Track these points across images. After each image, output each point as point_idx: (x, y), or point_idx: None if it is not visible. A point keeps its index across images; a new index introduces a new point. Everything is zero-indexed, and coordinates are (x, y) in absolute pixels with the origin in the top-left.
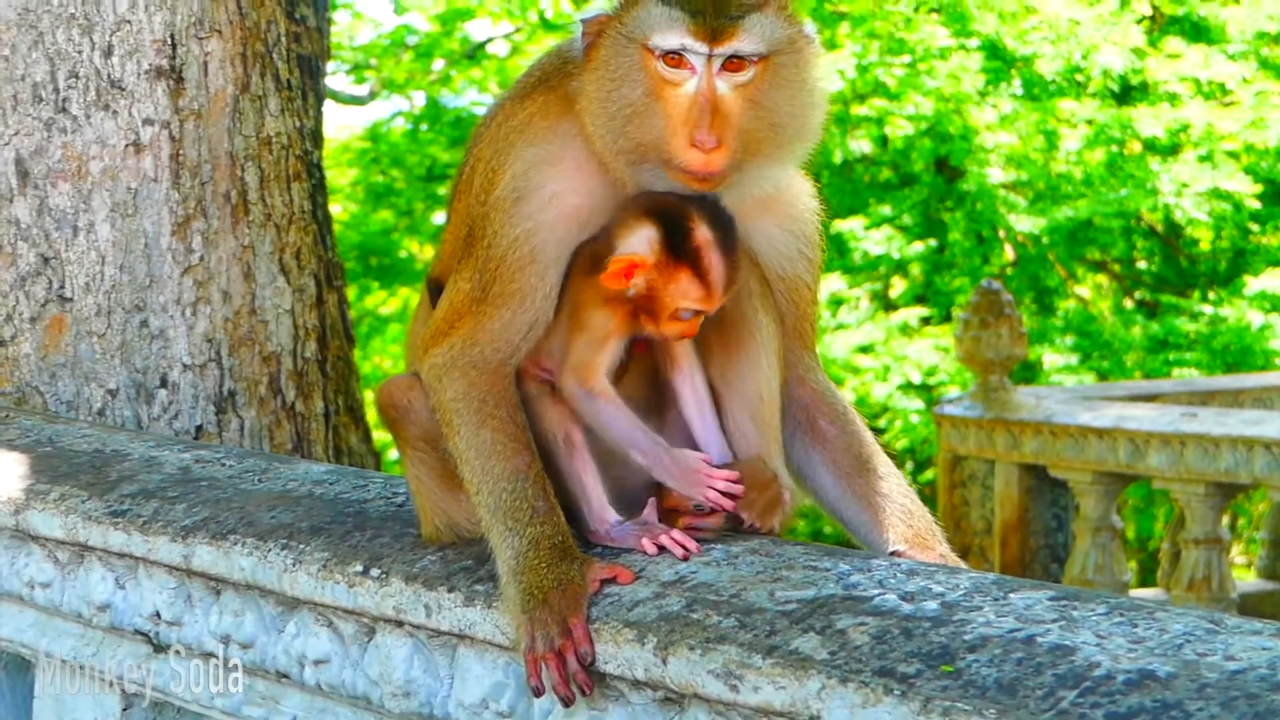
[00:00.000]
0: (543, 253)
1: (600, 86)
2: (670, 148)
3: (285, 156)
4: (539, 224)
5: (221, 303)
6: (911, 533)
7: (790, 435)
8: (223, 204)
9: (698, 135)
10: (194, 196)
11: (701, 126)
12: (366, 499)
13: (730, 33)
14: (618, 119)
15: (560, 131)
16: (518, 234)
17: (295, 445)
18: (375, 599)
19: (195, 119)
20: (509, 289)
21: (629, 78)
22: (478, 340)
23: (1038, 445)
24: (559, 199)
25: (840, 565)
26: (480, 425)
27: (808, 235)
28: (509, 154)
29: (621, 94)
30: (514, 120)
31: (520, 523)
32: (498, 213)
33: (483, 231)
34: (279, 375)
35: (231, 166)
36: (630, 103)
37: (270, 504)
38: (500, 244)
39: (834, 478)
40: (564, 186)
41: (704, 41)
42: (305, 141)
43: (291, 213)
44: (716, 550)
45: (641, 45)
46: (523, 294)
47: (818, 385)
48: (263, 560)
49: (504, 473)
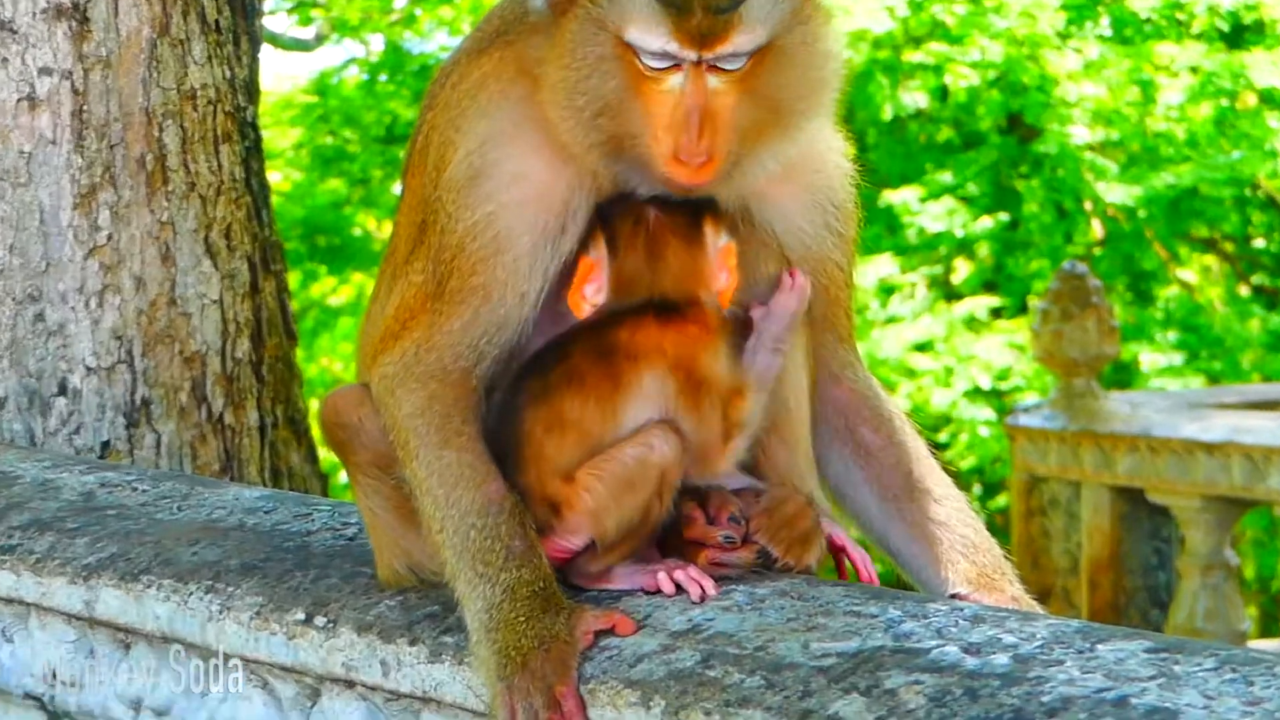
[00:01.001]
0: (511, 241)
1: (567, 74)
2: (651, 153)
3: (213, 113)
4: (502, 206)
5: (134, 291)
6: (976, 570)
7: (825, 448)
8: (136, 171)
9: (683, 148)
10: (101, 162)
11: (688, 138)
12: (310, 531)
13: (723, 33)
14: (587, 112)
15: (515, 97)
16: (476, 219)
17: (224, 465)
18: (320, 654)
19: (103, 68)
20: (469, 284)
21: (601, 69)
22: (435, 345)
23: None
24: (523, 179)
25: (889, 611)
26: (443, 446)
27: (837, 203)
28: (461, 124)
29: (591, 85)
30: (466, 82)
31: (493, 566)
32: (450, 194)
33: (435, 216)
34: (204, 380)
35: (147, 125)
36: (602, 96)
37: (192, 537)
38: (455, 230)
39: (879, 500)
40: (527, 165)
41: (692, 47)
42: (237, 95)
43: (220, 181)
44: (738, 593)
45: (616, 36)
46: (487, 290)
47: (857, 385)
48: (182, 606)
49: (473, 504)
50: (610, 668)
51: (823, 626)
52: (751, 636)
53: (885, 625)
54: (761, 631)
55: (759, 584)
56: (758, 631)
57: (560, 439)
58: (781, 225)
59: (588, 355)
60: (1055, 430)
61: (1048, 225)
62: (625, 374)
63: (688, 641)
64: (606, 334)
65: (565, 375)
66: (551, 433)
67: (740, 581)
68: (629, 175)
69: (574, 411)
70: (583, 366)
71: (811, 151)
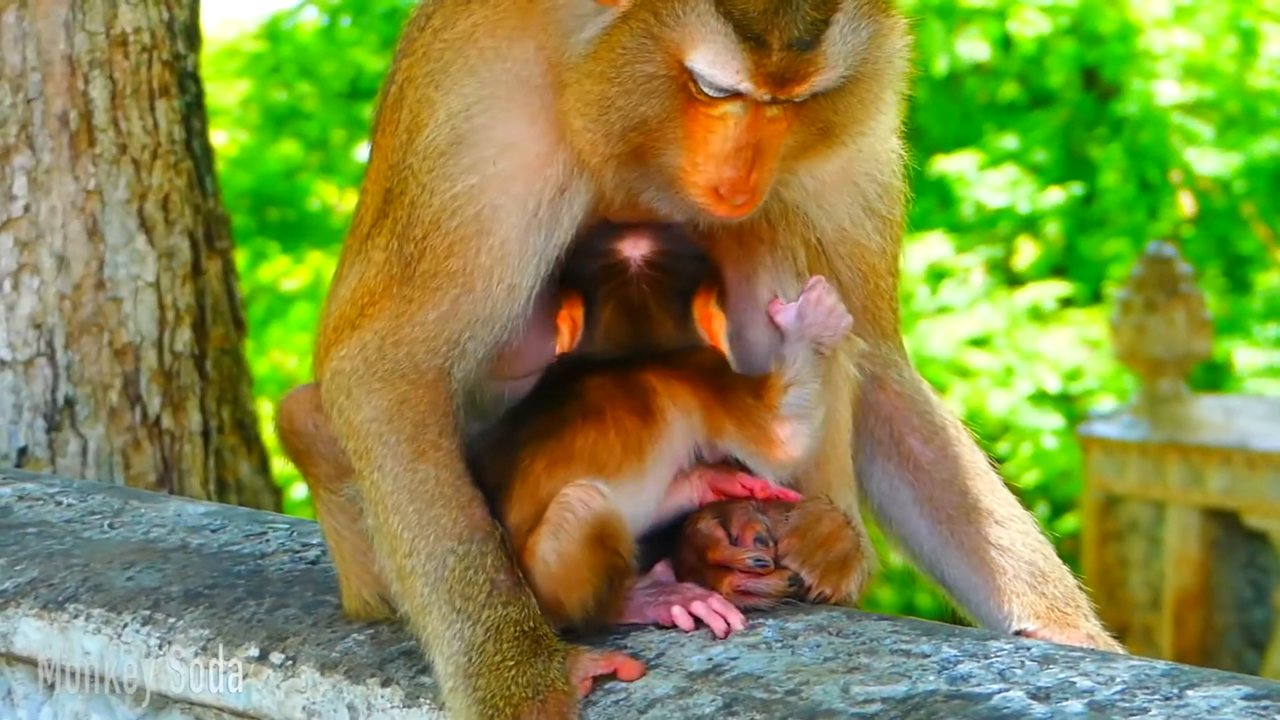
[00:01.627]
0: (496, 220)
1: (606, 86)
2: (685, 181)
3: (147, 62)
4: (487, 179)
5: (55, 272)
6: (1045, 603)
7: (867, 461)
8: (58, 130)
9: (726, 184)
10: (16, 119)
11: (735, 174)
12: (265, 553)
13: (802, 74)
14: (618, 125)
15: (513, 57)
16: (456, 191)
17: (161, 476)
18: (277, 696)
19: (17, 7)
20: (445, 268)
21: (647, 88)
22: (403, 337)
23: (1227, 481)
24: (514, 150)
25: (944, 649)
26: (416, 458)
27: (881, 181)
28: (443, 80)
29: (631, 102)
30: (451, 30)
31: (473, 602)
32: (425, 161)
33: (404, 185)
34: (138, 376)
35: (70, 77)
36: (641, 115)
37: (127, 559)
38: (430, 204)
39: (931, 522)
40: (519, 133)
41: (766, 88)
42: (176, 41)
43: (156, 144)
44: (766, 628)
45: (674, 58)
46: (468, 276)
47: (903, 388)
48: (116, 640)
49: (454, 526)
50: (617, 714)
51: (866, 667)
52: (782, 679)
53: (939, 666)
54: (794, 673)
55: (790, 617)
56: (789, 673)
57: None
58: (813, 205)
59: (606, 390)
60: (1135, 441)
61: (1128, 200)
62: (654, 413)
63: (707, 684)
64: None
65: (580, 411)
66: (555, 470)
67: (768, 614)
68: (643, 189)
69: (587, 448)
70: (602, 403)
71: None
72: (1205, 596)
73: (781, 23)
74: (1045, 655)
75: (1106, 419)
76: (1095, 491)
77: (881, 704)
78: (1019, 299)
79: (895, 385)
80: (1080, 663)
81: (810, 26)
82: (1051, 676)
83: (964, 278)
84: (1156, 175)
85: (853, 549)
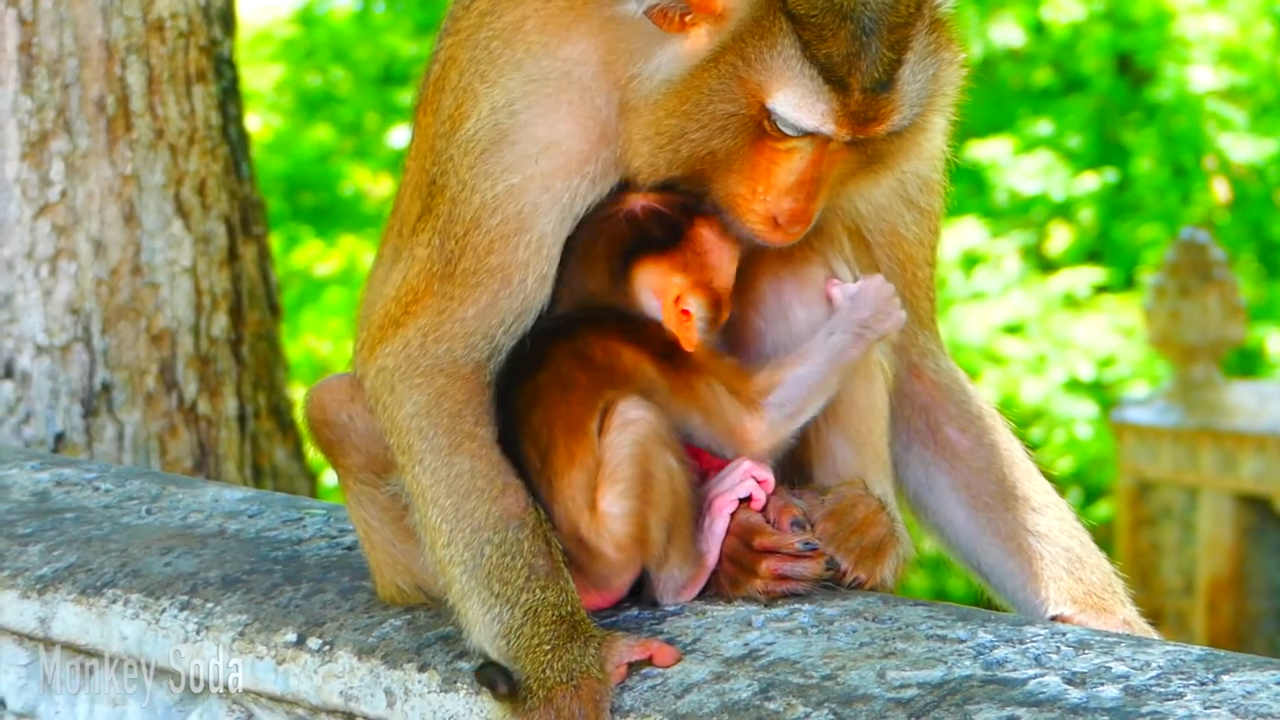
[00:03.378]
0: (535, 218)
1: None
2: (742, 206)
3: (184, 48)
4: (528, 179)
5: (92, 258)
6: (1082, 589)
7: (903, 449)
8: (94, 115)
9: (785, 214)
10: (53, 105)
11: (795, 206)
12: (302, 539)
13: (880, 115)
14: (685, 154)
15: (564, 57)
16: (498, 192)
17: (198, 461)
18: (314, 681)
19: None
20: (485, 264)
21: (722, 124)
22: (444, 333)
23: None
24: (555, 149)
25: (980, 634)
26: (454, 451)
27: (923, 174)
28: (488, 72)
29: (704, 136)
30: (500, 19)
31: (511, 586)
32: (467, 157)
33: (445, 179)
34: (174, 362)
35: (107, 62)
36: (711, 149)
37: (164, 545)
38: (471, 202)
39: (968, 509)
40: (561, 131)
41: (847, 128)
42: (212, 26)
43: (193, 129)
44: (803, 613)
45: (756, 99)
46: (506, 272)
47: (940, 377)
48: (154, 625)
49: (488, 517)
50: (653, 699)
51: (901, 653)
52: (818, 664)
53: (975, 651)
54: (830, 658)
55: (826, 602)
56: (825, 658)
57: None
58: (852, 191)
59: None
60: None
61: (1162, 186)
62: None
63: (744, 669)
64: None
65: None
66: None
67: (805, 599)
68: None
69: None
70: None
71: None
72: (1238, 582)
73: (862, 65)
74: (1081, 640)
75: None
76: (1128, 478)
77: (917, 689)
78: (1052, 285)
79: (932, 374)
80: (1116, 648)
81: (887, 68)
82: (1087, 662)
83: (997, 264)
84: (1190, 161)
85: (888, 534)
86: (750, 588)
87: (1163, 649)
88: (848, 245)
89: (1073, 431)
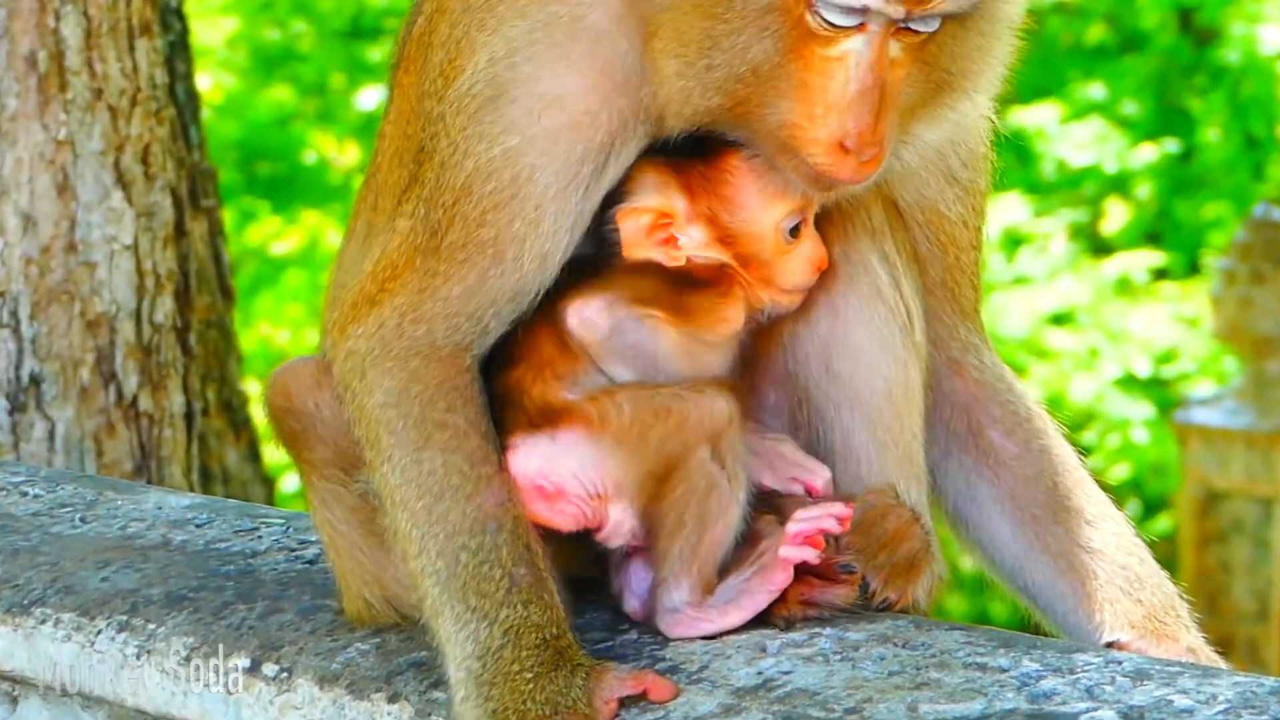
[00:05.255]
0: (534, 184)
1: (710, 23)
2: (803, 140)
3: None
4: (529, 140)
5: (21, 233)
6: (1140, 612)
7: (941, 455)
8: (24, 73)
9: (853, 134)
10: None
11: (862, 122)
12: (257, 551)
13: None
14: (721, 72)
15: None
16: (493, 155)
17: (138, 464)
18: (270, 713)
19: None
20: (475, 238)
21: (758, 23)
22: (423, 314)
23: None
24: (560, 105)
25: (1025, 663)
26: (424, 445)
27: (967, 146)
28: (487, 19)
29: (740, 42)
30: None
31: (491, 600)
32: (460, 115)
33: (435, 141)
34: (113, 351)
35: (39, 12)
36: (749, 58)
37: (100, 558)
38: (463, 166)
39: (1014, 522)
40: (567, 85)
41: (900, 2)
42: None
43: (135, 88)
44: (824, 638)
45: None
46: (498, 246)
47: (983, 374)
48: (88, 649)
49: (463, 520)
50: None
51: (936, 683)
52: (841, 695)
53: (1019, 682)
54: (855, 689)
55: (850, 626)
56: (850, 689)
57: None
58: (893, 168)
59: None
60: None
61: (1230, 158)
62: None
63: (757, 701)
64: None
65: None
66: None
67: (826, 622)
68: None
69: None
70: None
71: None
72: None
73: None
74: (1139, 670)
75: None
76: (1194, 487)
77: None
78: (1106, 269)
79: (975, 371)
80: (1179, 679)
81: None
82: (1146, 694)
83: (1043, 245)
84: (1262, 130)
85: (921, 549)
86: (771, 612)
87: (1231, 680)
88: (878, 215)
89: (1129, 435)
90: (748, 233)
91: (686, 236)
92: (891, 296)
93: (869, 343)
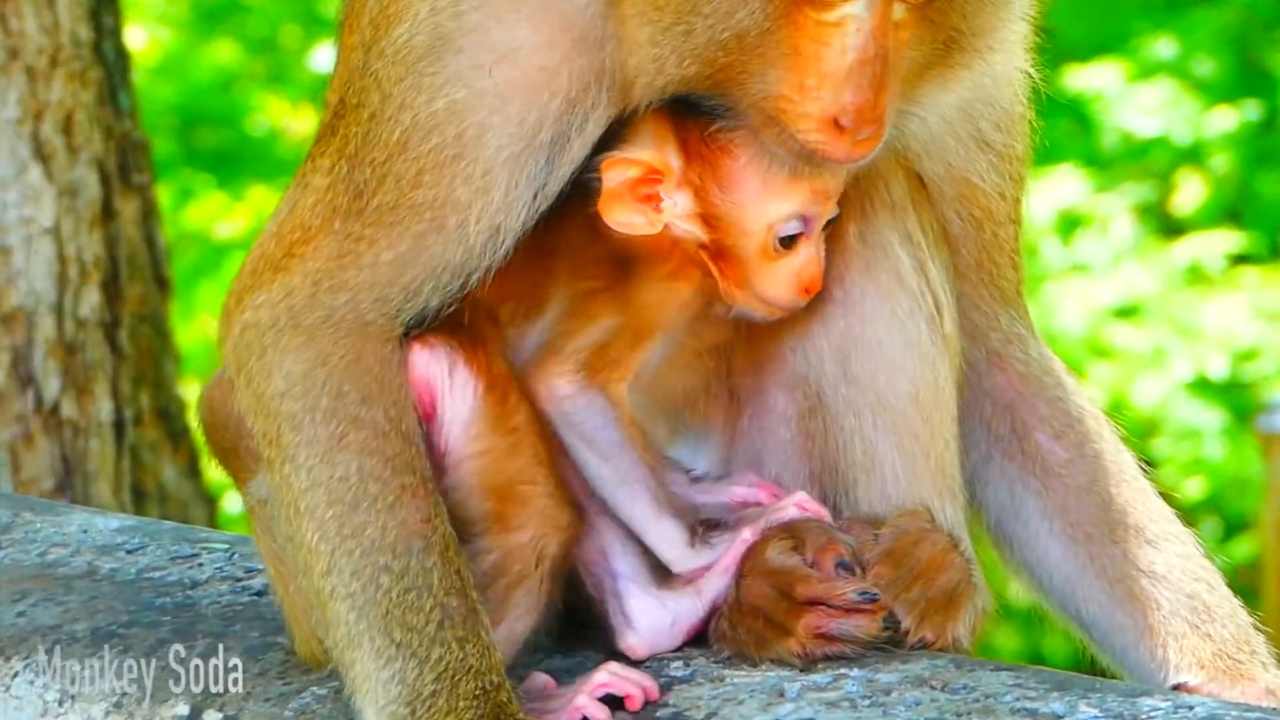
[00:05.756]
0: (481, 144)
1: None
2: (793, 115)
3: None
4: (477, 95)
5: None
6: (1210, 648)
7: (982, 461)
8: None
9: (850, 110)
10: None
11: (860, 95)
12: (197, 581)
13: None
14: (701, 39)
15: None
16: (435, 109)
17: (61, 480)
18: None
19: None
20: (410, 199)
21: None
22: (343, 281)
23: None
24: (513, 58)
25: (1081, 708)
26: (333, 446)
27: (1001, 105)
28: None
29: (719, 6)
30: None
31: (420, 635)
32: (396, 67)
33: (363, 98)
34: (31, 351)
35: None
36: (731, 23)
37: (16, 589)
38: (399, 120)
39: (1064, 542)
40: (521, 37)
41: None
42: None
43: (56, 46)
44: (851, 680)
45: None
46: (438, 212)
47: (1029, 368)
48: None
49: (383, 536)
50: None
51: None
52: None
53: None
54: None
55: (882, 667)
56: None
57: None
58: (919, 132)
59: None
60: None
61: None
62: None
63: None
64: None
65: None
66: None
67: (852, 662)
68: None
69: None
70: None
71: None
72: None
73: None
74: (1212, 716)
75: None
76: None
77: None
78: (1176, 255)
79: (1019, 364)
80: None
81: None
82: None
83: (1104, 227)
84: None
85: (961, 580)
86: (782, 648)
87: None
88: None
89: (1202, 444)
90: (733, 221)
91: (671, 200)
92: (916, 283)
93: (891, 338)
